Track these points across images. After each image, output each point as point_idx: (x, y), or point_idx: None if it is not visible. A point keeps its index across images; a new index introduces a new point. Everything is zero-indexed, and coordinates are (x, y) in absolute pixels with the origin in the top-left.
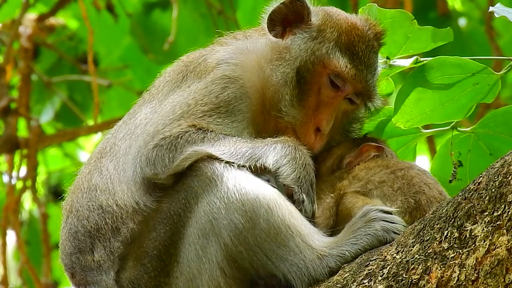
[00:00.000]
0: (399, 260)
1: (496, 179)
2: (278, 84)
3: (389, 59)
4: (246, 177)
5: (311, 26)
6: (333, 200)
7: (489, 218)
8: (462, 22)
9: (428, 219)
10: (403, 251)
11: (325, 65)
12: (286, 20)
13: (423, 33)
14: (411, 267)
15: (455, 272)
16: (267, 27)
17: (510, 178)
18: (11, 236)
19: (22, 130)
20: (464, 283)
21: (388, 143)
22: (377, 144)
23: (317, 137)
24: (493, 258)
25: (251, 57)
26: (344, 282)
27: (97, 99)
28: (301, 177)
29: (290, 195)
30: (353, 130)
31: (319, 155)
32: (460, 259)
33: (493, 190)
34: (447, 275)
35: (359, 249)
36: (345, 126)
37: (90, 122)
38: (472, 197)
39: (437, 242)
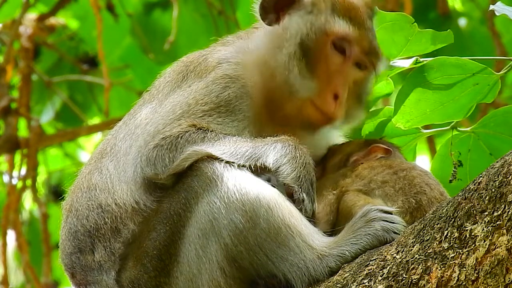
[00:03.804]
0: (399, 260)
1: (496, 179)
2: (284, 64)
3: (389, 60)
4: (246, 177)
5: (303, 3)
6: (335, 197)
7: (489, 218)
8: (462, 22)
9: (428, 219)
10: (403, 251)
11: (327, 32)
12: (278, 6)
13: (424, 35)
14: (411, 267)
15: (455, 272)
16: (260, 15)
17: (510, 178)
18: (11, 236)
19: (23, 130)
20: (464, 283)
21: (397, 146)
22: (385, 147)
23: (337, 105)
24: (493, 258)
25: (252, 56)
26: (344, 282)
27: (107, 96)
28: (301, 176)
29: (290, 194)
30: (366, 99)
31: (329, 151)
32: (460, 259)
33: (493, 190)
34: (447, 275)
35: (359, 249)
36: (359, 96)
37: (91, 122)
38: (472, 197)
39: (437, 242)
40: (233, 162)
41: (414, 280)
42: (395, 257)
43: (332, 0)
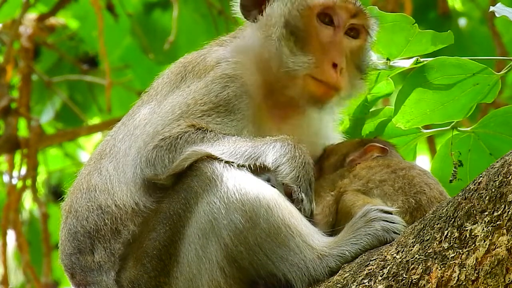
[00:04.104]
0: (399, 260)
1: (496, 179)
2: (276, 49)
3: (389, 60)
4: (246, 177)
5: None
6: (333, 198)
7: (489, 218)
8: (462, 22)
9: (428, 219)
10: (403, 251)
11: (309, 6)
12: (257, 1)
13: (424, 36)
14: (411, 267)
15: (455, 272)
16: (243, 15)
17: (510, 178)
18: (11, 236)
19: (23, 130)
20: (464, 283)
21: (392, 144)
22: (381, 146)
23: (338, 74)
24: (493, 258)
25: (248, 53)
26: (344, 282)
27: (108, 93)
28: (300, 176)
29: (289, 194)
30: (366, 67)
31: (325, 151)
32: (460, 259)
33: (493, 190)
34: (447, 275)
35: (359, 249)
36: (359, 65)
37: (91, 122)
38: (472, 197)
39: (437, 242)
40: (233, 162)
41: (414, 280)
42: (395, 257)
43: None
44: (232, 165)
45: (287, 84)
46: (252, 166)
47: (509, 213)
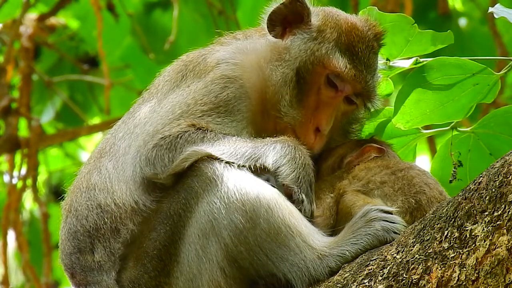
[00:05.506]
0: (400, 260)
1: (497, 179)
2: (277, 85)
3: (389, 60)
4: (246, 177)
5: (311, 26)
6: (333, 200)
7: (489, 218)
8: (463, 22)
9: (428, 219)
10: (403, 251)
11: (324, 65)
12: (286, 21)
13: (424, 36)
14: (412, 267)
15: (455, 272)
16: (267, 27)
17: (510, 178)
18: (11, 236)
19: (23, 130)
20: (464, 283)
21: (389, 143)
22: (378, 146)
23: (317, 137)
24: (493, 258)
25: (250, 57)
26: (344, 282)
27: (107, 94)
28: (300, 177)
29: (289, 195)
30: (352, 131)
31: (322, 153)
32: (460, 259)
33: (493, 190)
34: (447, 275)
35: (359, 249)
36: (345, 126)
37: (91, 122)
38: (473, 197)
39: (437, 242)
40: (233, 162)
41: (414, 280)
42: (395, 257)
43: (339, 30)
44: (232, 165)
45: (273, 112)
46: (252, 167)
47: (509, 213)
